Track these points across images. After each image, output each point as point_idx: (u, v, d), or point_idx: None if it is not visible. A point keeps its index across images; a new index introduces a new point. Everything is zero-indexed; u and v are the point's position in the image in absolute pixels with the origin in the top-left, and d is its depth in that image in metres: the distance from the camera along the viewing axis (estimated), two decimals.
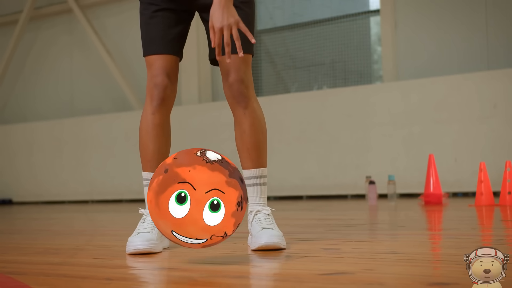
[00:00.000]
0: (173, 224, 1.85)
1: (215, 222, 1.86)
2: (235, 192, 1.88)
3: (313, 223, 3.60)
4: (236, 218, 1.89)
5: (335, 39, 8.37)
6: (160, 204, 1.86)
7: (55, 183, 9.63)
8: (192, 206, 1.85)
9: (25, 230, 4.01)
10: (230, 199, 1.88)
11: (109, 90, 9.88)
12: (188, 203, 1.86)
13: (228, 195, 1.88)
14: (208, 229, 1.86)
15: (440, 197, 5.28)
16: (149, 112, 2.34)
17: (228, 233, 1.88)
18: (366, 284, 1.47)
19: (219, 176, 1.88)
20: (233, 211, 1.87)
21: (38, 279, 1.74)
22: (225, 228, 1.87)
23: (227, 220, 1.87)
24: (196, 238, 1.86)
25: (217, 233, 1.87)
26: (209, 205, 1.86)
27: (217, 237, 1.87)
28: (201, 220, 1.85)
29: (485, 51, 7.30)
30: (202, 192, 1.86)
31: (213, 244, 1.89)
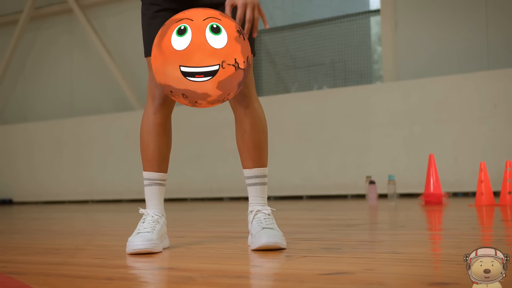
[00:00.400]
0: (179, 58, 1.86)
1: (221, 45, 1.87)
2: (232, 22, 1.95)
3: (313, 223, 3.60)
4: (242, 45, 1.91)
5: (335, 39, 8.37)
6: (163, 47, 1.91)
7: (55, 183, 9.63)
8: (194, 33, 1.88)
9: (25, 230, 4.01)
10: (228, 24, 1.93)
11: (109, 90, 9.88)
12: (189, 32, 1.89)
13: (225, 21, 1.93)
14: (215, 52, 1.86)
15: (440, 197, 5.28)
16: (150, 112, 2.34)
17: (239, 62, 1.87)
18: (366, 284, 1.47)
19: (213, 11, 1.96)
20: (235, 36, 1.90)
21: (38, 279, 1.74)
22: (234, 54, 1.88)
23: (232, 44, 1.88)
24: (207, 65, 1.86)
25: (227, 58, 1.86)
26: (209, 28, 1.89)
27: (228, 64, 1.86)
28: (206, 43, 1.87)
29: (485, 51, 7.30)
30: (199, 20, 1.91)
31: (226, 82, 1.87)
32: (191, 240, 2.66)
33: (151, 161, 2.35)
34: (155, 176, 2.35)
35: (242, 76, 1.95)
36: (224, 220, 4.30)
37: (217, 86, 1.89)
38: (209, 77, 1.88)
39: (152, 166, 2.35)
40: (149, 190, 2.35)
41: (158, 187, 2.35)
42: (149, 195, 2.35)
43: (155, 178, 2.35)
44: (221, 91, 1.93)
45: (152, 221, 2.28)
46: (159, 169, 2.36)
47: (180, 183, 8.28)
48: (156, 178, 2.35)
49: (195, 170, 8.39)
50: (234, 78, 1.91)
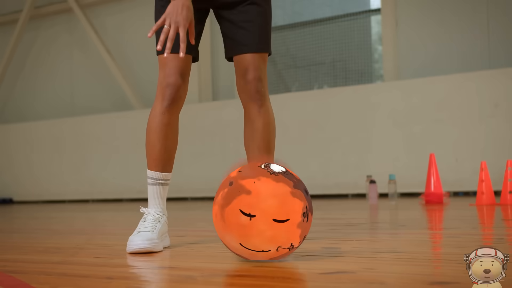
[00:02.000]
0: (239, 236, 1.80)
1: (281, 232, 1.79)
2: (300, 203, 1.82)
3: (314, 222, 3.60)
4: (302, 229, 1.83)
5: (335, 38, 8.36)
6: (226, 217, 1.82)
7: (56, 182, 9.63)
8: (258, 216, 1.79)
9: (26, 229, 4.01)
10: (296, 209, 1.81)
11: (109, 89, 9.88)
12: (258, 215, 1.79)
13: (294, 206, 1.81)
14: (274, 239, 1.79)
15: (441, 196, 5.28)
16: (158, 111, 2.31)
17: (294, 245, 1.83)
18: (367, 283, 1.47)
19: (284, 187, 1.81)
20: (299, 222, 1.81)
21: (39, 278, 1.74)
22: (292, 239, 1.82)
23: (293, 231, 1.81)
24: (263, 250, 1.81)
25: (284, 244, 1.81)
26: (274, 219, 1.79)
27: (283, 248, 1.82)
28: (268, 230, 1.79)
29: (487, 51, 7.30)
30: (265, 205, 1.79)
31: (279, 256, 1.84)
32: (191, 239, 2.66)
33: (156, 161, 2.34)
34: (159, 176, 2.34)
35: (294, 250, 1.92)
36: None
37: (270, 258, 1.86)
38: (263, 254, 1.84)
39: (157, 166, 2.34)
40: (152, 189, 2.34)
41: (161, 186, 2.34)
42: (151, 194, 2.34)
43: (159, 178, 2.34)
44: (270, 259, 1.88)
45: (153, 220, 2.28)
46: (164, 169, 2.34)
47: (181, 182, 8.28)
48: (160, 178, 2.34)
49: (196, 169, 8.39)
50: (286, 254, 1.88)
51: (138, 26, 9.27)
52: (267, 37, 2.33)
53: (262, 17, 2.30)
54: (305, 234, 1.87)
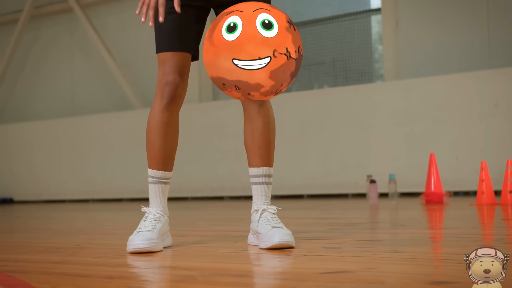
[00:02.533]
0: (231, 49, 1.85)
1: (272, 34, 1.86)
2: (281, 13, 1.94)
3: (314, 222, 3.60)
4: (293, 35, 1.90)
5: (336, 38, 8.37)
6: (215, 40, 1.90)
7: (56, 182, 9.64)
8: (244, 24, 1.88)
9: (26, 229, 4.01)
10: (279, 16, 1.91)
11: (109, 89, 9.88)
12: (240, 26, 1.88)
13: (276, 13, 1.92)
14: (267, 41, 1.85)
15: (441, 196, 5.28)
16: (158, 109, 2.31)
17: (291, 51, 1.87)
18: (367, 283, 1.47)
19: (262, 3, 1.96)
20: (286, 26, 1.89)
21: (39, 277, 1.75)
22: (285, 43, 1.87)
23: (283, 34, 1.87)
24: (259, 58, 1.84)
25: (279, 47, 1.85)
26: (261, 24, 1.88)
27: (280, 54, 1.85)
28: (257, 32, 1.86)
29: (487, 50, 7.30)
30: (250, 11, 1.90)
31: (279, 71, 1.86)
32: (191, 239, 2.66)
33: (156, 159, 2.34)
34: (159, 175, 2.34)
35: (295, 66, 1.93)
36: (225, 219, 4.31)
37: (270, 76, 1.87)
38: (261, 62, 1.87)
39: (157, 164, 2.34)
40: (153, 188, 2.34)
41: (162, 185, 2.34)
42: (152, 193, 2.34)
43: (159, 176, 2.34)
44: (274, 81, 1.90)
45: (154, 220, 2.28)
46: (164, 167, 2.35)
47: (181, 182, 8.28)
48: (160, 177, 2.34)
49: (196, 169, 8.40)
50: (286, 68, 1.89)
51: (139, 26, 9.27)
52: None
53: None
54: (299, 45, 1.92)
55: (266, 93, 1.93)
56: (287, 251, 2.11)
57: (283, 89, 1.98)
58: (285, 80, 1.93)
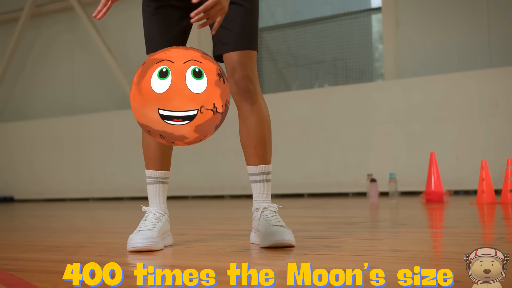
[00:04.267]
0: (158, 101, 1.85)
1: (201, 90, 1.86)
2: (213, 64, 1.93)
3: (314, 221, 3.60)
4: (222, 89, 1.90)
5: (336, 37, 8.36)
6: (142, 88, 1.88)
7: (56, 181, 9.64)
8: (174, 76, 1.86)
9: (26, 227, 4.01)
10: (209, 68, 1.90)
11: (110, 88, 9.88)
12: (170, 76, 1.87)
13: (206, 65, 1.91)
14: (195, 97, 1.85)
15: (441, 195, 5.28)
16: None
17: (217, 106, 1.88)
18: (367, 282, 1.47)
19: (194, 52, 1.94)
20: (216, 80, 1.89)
21: (39, 276, 1.75)
22: (213, 99, 1.88)
23: (212, 89, 1.88)
24: (186, 110, 1.85)
25: (206, 103, 1.86)
26: (191, 72, 1.87)
27: (207, 109, 1.86)
28: (186, 88, 1.85)
29: (487, 49, 7.29)
30: (180, 63, 1.89)
31: (204, 125, 1.87)
32: (192, 238, 2.66)
33: (152, 160, 2.35)
34: (157, 175, 2.35)
35: (220, 120, 1.95)
36: (225, 218, 4.31)
37: (195, 130, 1.88)
38: (187, 121, 1.87)
39: (154, 165, 2.35)
40: (151, 189, 2.35)
41: (160, 185, 2.35)
42: (151, 193, 2.35)
43: (157, 176, 2.35)
44: (198, 134, 1.92)
45: (154, 219, 2.28)
46: (161, 167, 2.35)
47: (181, 181, 8.28)
48: (158, 177, 2.35)
49: (196, 168, 8.39)
50: (211, 122, 1.91)
51: (139, 25, 9.25)
52: (252, 35, 2.33)
53: (245, 16, 2.29)
54: (227, 98, 1.94)
55: (190, 142, 1.95)
56: (287, 249, 2.11)
57: (206, 138, 2.00)
58: (209, 132, 1.95)
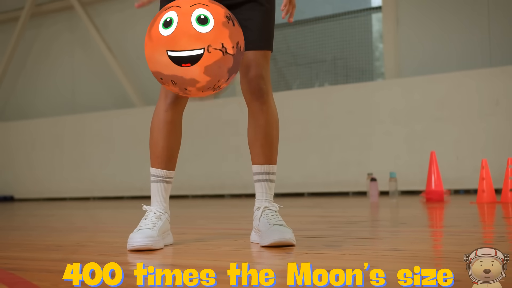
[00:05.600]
0: (165, 43, 1.86)
1: (207, 29, 1.85)
2: (221, 8, 1.92)
3: (314, 220, 3.60)
4: (231, 31, 1.88)
5: (336, 36, 8.36)
6: (152, 34, 1.90)
7: (56, 180, 9.64)
8: (180, 19, 1.87)
9: (26, 226, 4.01)
10: (217, 11, 1.89)
11: (110, 87, 9.88)
12: (176, 21, 1.88)
13: (214, 8, 1.90)
14: (201, 36, 1.84)
15: (441, 194, 5.28)
16: (162, 109, 2.33)
17: (227, 47, 1.85)
18: (367, 281, 1.47)
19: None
20: (223, 21, 1.88)
21: (39, 275, 1.75)
22: (221, 38, 1.85)
23: (219, 29, 1.86)
24: (192, 49, 1.84)
25: (213, 43, 1.84)
26: (196, 19, 1.86)
27: (215, 49, 1.84)
28: (191, 27, 1.85)
29: (487, 48, 7.29)
30: (187, 6, 1.89)
31: (214, 66, 1.85)
32: (192, 237, 2.66)
33: (159, 158, 2.35)
34: (162, 174, 2.35)
35: (232, 62, 1.91)
36: (225, 217, 4.31)
37: (204, 72, 1.86)
38: (195, 62, 1.86)
39: (160, 163, 2.35)
40: (155, 187, 2.35)
41: (164, 184, 2.35)
42: (154, 191, 2.35)
43: (161, 175, 2.35)
44: (209, 77, 1.89)
45: (154, 218, 2.28)
46: (167, 166, 2.35)
47: (182, 180, 8.28)
48: (163, 176, 2.35)
49: (197, 167, 8.40)
50: (222, 63, 1.87)
51: (140, 24, 9.27)
52: (269, 35, 2.34)
53: (264, 16, 2.31)
54: (237, 41, 1.90)
55: (203, 88, 1.92)
56: (287, 249, 2.11)
57: (222, 85, 1.95)
58: (222, 76, 1.91)
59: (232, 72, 1.94)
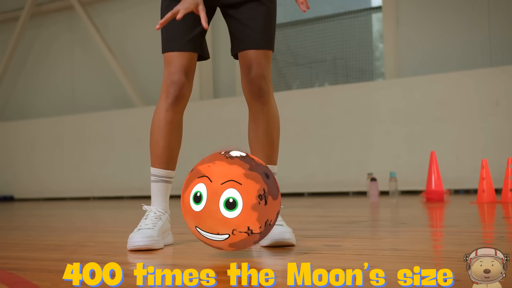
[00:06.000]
0: (195, 218, 1.85)
1: (234, 215, 1.80)
2: (255, 185, 1.82)
3: (314, 220, 3.60)
4: (259, 212, 1.81)
5: (337, 36, 8.36)
6: (185, 201, 1.89)
7: (56, 180, 9.64)
8: (208, 199, 1.82)
9: (26, 226, 4.01)
10: (249, 190, 1.81)
11: (110, 87, 9.88)
12: (204, 199, 1.83)
13: (246, 187, 1.81)
14: (227, 222, 1.80)
15: (441, 194, 5.28)
16: (162, 108, 2.32)
17: (252, 229, 1.82)
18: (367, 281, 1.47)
19: (237, 168, 1.84)
20: (253, 203, 1.80)
21: (39, 275, 1.74)
22: (247, 222, 1.80)
23: (248, 214, 1.80)
24: (218, 233, 1.82)
25: (239, 227, 1.80)
26: (224, 203, 1.80)
27: (240, 232, 1.81)
28: (218, 211, 1.81)
29: (488, 48, 7.29)
30: (218, 184, 1.82)
31: (239, 243, 1.84)
32: (192, 237, 2.66)
33: (159, 158, 2.35)
34: (162, 173, 2.35)
35: (259, 237, 1.89)
36: None
37: (230, 245, 1.87)
38: (220, 238, 1.84)
39: (160, 163, 2.35)
40: (155, 187, 2.35)
41: (164, 184, 2.35)
42: (154, 191, 2.35)
43: (162, 175, 2.35)
44: (235, 248, 1.89)
45: (154, 218, 2.28)
46: (167, 166, 2.36)
47: (182, 180, 8.24)
48: (163, 175, 2.35)
49: None
50: (247, 241, 1.86)
51: (140, 24, 9.27)
52: (270, 35, 2.33)
53: (266, 15, 2.31)
54: (267, 219, 1.84)
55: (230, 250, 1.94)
56: (287, 249, 2.10)
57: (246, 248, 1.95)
58: (247, 246, 1.91)
59: (257, 242, 1.94)
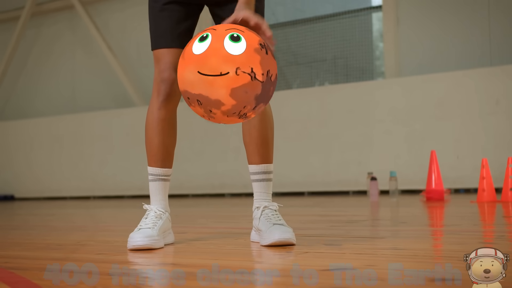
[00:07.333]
0: (196, 62, 1.86)
1: (238, 52, 1.83)
2: (256, 36, 1.91)
3: (314, 219, 3.61)
4: (262, 58, 1.85)
5: (337, 35, 8.36)
6: (185, 53, 1.92)
7: (57, 179, 9.64)
8: (213, 39, 1.87)
9: (27, 225, 4.01)
10: (251, 37, 1.89)
11: (110, 86, 9.88)
12: (209, 38, 1.88)
13: (249, 34, 1.89)
14: (231, 58, 1.82)
15: (442, 193, 5.28)
16: (155, 107, 2.33)
17: (256, 72, 1.83)
18: (368, 280, 1.47)
19: (240, 26, 1.94)
20: (256, 47, 1.86)
21: (40, 274, 1.75)
22: (251, 63, 1.83)
23: (251, 54, 1.84)
24: (221, 73, 1.82)
25: (243, 66, 1.82)
26: (229, 37, 1.86)
27: (243, 72, 1.81)
28: (222, 48, 1.84)
29: (488, 48, 7.29)
30: (222, 30, 1.90)
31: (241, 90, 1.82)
32: (192, 236, 2.66)
33: (155, 156, 2.35)
34: (159, 172, 2.35)
35: (261, 89, 1.86)
36: (226, 216, 4.31)
37: (230, 94, 1.82)
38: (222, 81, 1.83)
39: (156, 162, 2.35)
40: (153, 186, 2.35)
41: (162, 182, 2.35)
42: (153, 190, 2.35)
43: (159, 173, 2.35)
44: (235, 101, 1.84)
45: (154, 217, 2.28)
46: (163, 164, 2.36)
47: (182, 179, 8.28)
48: (160, 174, 2.35)
49: (197, 166, 8.40)
50: (249, 89, 1.83)
51: (140, 24, 9.27)
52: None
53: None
54: (268, 69, 1.86)
55: (228, 112, 1.87)
56: (288, 248, 2.11)
57: (248, 113, 1.89)
58: (248, 102, 1.85)
59: (260, 101, 1.89)
